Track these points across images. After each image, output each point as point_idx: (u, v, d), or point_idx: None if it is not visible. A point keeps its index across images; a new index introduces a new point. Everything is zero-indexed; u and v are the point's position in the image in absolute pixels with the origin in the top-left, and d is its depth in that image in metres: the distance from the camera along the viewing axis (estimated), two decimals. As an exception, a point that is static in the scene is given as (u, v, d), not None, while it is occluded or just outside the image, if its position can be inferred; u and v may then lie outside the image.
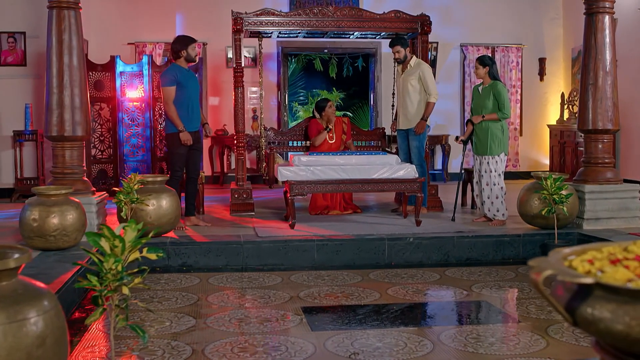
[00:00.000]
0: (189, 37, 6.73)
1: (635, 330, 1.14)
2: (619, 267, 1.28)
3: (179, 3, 10.71)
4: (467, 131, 7.04)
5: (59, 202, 5.39)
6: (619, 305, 1.17)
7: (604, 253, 1.47)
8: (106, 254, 2.60)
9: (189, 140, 6.46)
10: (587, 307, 1.22)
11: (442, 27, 11.01)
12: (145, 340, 2.66)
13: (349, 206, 7.67)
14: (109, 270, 2.61)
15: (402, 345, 3.80)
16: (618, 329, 1.16)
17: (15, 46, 9.06)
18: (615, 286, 1.16)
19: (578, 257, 1.40)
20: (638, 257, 1.42)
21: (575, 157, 10.10)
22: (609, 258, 1.40)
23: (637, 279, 1.24)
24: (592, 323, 1.21)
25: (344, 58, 15.50)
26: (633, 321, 1.15)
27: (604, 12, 6.51)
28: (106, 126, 9.04)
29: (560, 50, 11.50)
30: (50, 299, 2.26)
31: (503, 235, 6.32)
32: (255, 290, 5.15)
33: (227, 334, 4.01)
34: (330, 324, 4.30)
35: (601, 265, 1.34)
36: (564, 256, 1.41)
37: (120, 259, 2.61)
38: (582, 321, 1.24)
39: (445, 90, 11.20)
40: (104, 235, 2.60)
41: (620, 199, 6.54)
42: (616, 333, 1.17)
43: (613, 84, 6.54)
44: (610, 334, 1.18)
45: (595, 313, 1.20)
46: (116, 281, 2.61)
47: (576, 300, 1.25)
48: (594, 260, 1.37)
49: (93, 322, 2.71)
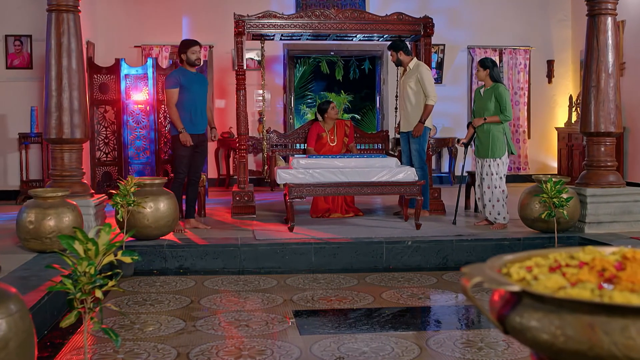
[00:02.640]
0: (191, 40, 6.71)
1: (560, 340, 1.11)
2: (553, 275, 1.25)
3: (185, 6, 10.74)
4: (468, 134, 6.99)
5: (55, 205, 5.41)
6: (545, 314, 1.14)
7: (550, 260, 1.44)
8: (79, 256, 2.60)
9: (188, 141, 6.46)
10: (516, 315, 1.19)
11: (449, 30, 10.96)
12: (118, 345, 2.65)
13: (350, 209, 7.64)
14: (83, 274, 2.61)
15: (388, 350, 3.77)
16: (543, 338, 1.13)
17: (21, 49, 9.12)
18: (541, 294, 1.13)
19: (518, 263, 1.37)
20: (582, 264, 1.39)
21: (582, 160, 9.98)
22: (551, 265, 1.37)
23: (569, 287, 1.21)
24: (521, 332, 1.18)
25: (351, 61, 15.48)
26: (558, 330, 1.11)
27: (607, 13, 6.43)
28: (111, 129, 9.08)
29: (569, 52, 11.39)
30: (17, 302, 2.25)
31: (503, 239, 6.27)
32: (249, 293, 5.13)
33: (215, 337, 4.00)
34: (320, 328, 4.27)
35: (539, 272, 1.31)
36: (505, 262, 1.38)
37: (94, 262, 2.60)
38: (511, 329, 1.21)
39: (452, 93, 11.15)
40: (78, 238, 2.60)
41: (623, 203, 6.47)
42: (542, 342, 1.13)
43: (616, 86, 6.47)
44: (537, 343, 1.15)
45: (523, 322, 1.17)
46: (89, 284, 2.60)
47: (507, 308, 1.22)
48: (533, 267, 1.34)
49: (68, 324, 2.69)
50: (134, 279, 5.56)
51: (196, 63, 6.61)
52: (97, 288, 2.62)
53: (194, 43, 6.62)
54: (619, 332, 1.06)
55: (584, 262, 1.39)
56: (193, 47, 6.56)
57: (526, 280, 1.25)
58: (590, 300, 1.08)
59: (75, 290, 2.62)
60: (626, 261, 1.38)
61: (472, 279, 1.20)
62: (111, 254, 2.67)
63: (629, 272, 1.24)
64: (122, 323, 4.28)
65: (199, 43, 6.69)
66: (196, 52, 6.58)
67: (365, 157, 7.24)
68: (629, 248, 1.45)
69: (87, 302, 2.66)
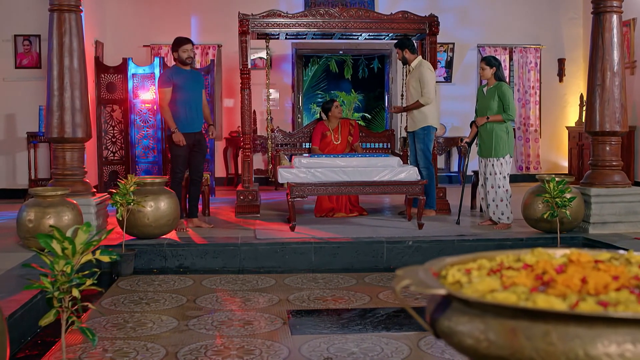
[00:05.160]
0: (183, 38, 6.62)
1: (483, 345, 1.08)
2: (487, 278, 1.22)
3: (193, 5, 10.77)
4: (471, 133, 6.94)
5: (54, 204, 5.44)
6: (470, 319, 1.11)
7: (496, 261, 1.41)
8: (57, 255, 2.60)
9: (181, 141, 6.45)
10: (445, 319, 1.17)
11: (458, 28, 10.89)
12: (94, 344, 2.65)
13: (355, 209, 7.62)
14: (61, 273, 2.61)
15: (378, 350, 3.74)
16: (468, 343, 1.10)
17: (30, 49, 9.19)
18: (465, 298, 1.10)
19: (459, 265, 1.35)
20: (525, 266, 1.36)
21: (593, 160, 9.88)
22: (492, 267, 1.34)
23: (501, 291, 1.18)
24: (449, 336, 1.15)
25: (360, 59, 15.43)
26: (482, 335, 1.09)
27: (612, 11, 6.35)
28: (118, 128, 9.11)
29: (580, 50, 11.27)
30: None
31: (505, 239, 6.21)
32: (246, 292, 5.13)
33: (206, 337, 3.99)
34: (312, 328, 4.25)
35: (478, 274, 1.28)
36: (446, 264, 1.35)
37: (71, 261, 2.60)
38: (441, 333, 1.18)
39: (462, 92, 11.08)
40: (55, 237, 2.60)
41: (628, 203, 6.38)
42: (467, 347, 1.11)
43: (621, 85, 6.38)
44: (463, 348, 1.12)
45: (451, 325, 1.15)
46: (67, 283, 2.60)
47: (438, 311, 1.19)
48: (473, 269, 1.31)
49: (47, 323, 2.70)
50: (133, 277, 5.57)
51: (187, 62, 6.54)
52: (75, 287, 2.62)
53: (186, 41, 6.57)
54: (541, 338, 1.03)
55: (528, 265, 1.36)
56: (184, 46, 6.51)
57: (460, 283, 1.22)
58: (512, 305, 1.05)
59: (53, 289, 2.63)
60: (570, 264, 1.35)
61: (401, 282, 1.17)
62: (89, 253, 2.66)
63: (565, 275, 1.20)
64: (115, 322, 4.29)
65: (191, 41, 6.63)
66: (187, 51, 6.52)
67: (367, 156, 7.21)
68: (575, 250, 1.42)
69: (65, 301, 2.67)
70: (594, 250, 1.55)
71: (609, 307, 1.06)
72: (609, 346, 1.01)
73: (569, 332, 1.03)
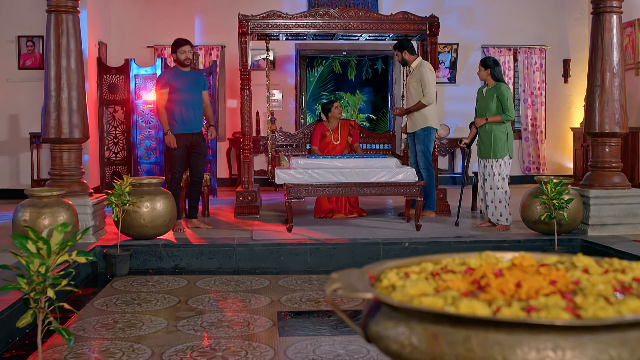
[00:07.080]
0: (181, 40, 6.63)
1: (407, 351, 1.06)
2: (420, 282, 1.20)
3: (197, 6, 10.79)
4: (471, 134, 6.90)
5: (50, 204, 5.45)
6: (396, 323, 1.10)
7: (440, 265, 1.39)
8: (31, 255, 2.60)
9: (172, 143, 6.45)
10: (374, 323, 1.15)
11: (462, 29, 10.85)
12: (70, 345, 2.65)
13: (354, 210, 7.60)
14: (35, 273, 2.61)
15: (364, 352, 3.72)
16: (393, 348, 1.09)
17: (33, 50, 9.24)
18: (389, 302, 1.09)
19: (397, 269, 1.33)
20: (468, 270, 1.34)
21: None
22: (433, 271, 1.32)
23: (433, 294, 1.16)
24: (377, 340, 1.14)
25: (364, 60, 15.40)
26: (406, 340, 1.07)
27: (612, 11, 6.30)
28: (120, 128, 9.15)
29: (586, 51, 11.08)
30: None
31: (502, 240, 6.17)
32: (238, 293, 5.12)
33: (193, 338, 3.99)
34: (300, 330, 4.24)
35: (416, 278, 1.27)
36: (385, 268, 1.34)
37: (46, 262, 2.60)
38: (371, 337, 1.17)
39: (466, 93, 11.01)
40: (29, 237, 2.60)
41: (628, 205, 6.32)
42: (392, 352, 1.09)
43: (621, 86, 6.33)
44: (389, 352, 1.11)
45: (379, 330, 1.13)
46: (42, 283, 2.60)
47: (369, 316, 1.18)
48: (412, 273, 1.30)
49: (25, 324, 2.70)
50: (128, 278, 5.58)
51: (185, 63, 6.55)
52: (50, 287, 2.62)
53: (184, 43, 6.58)
54: (461, 344, 1.01)
55: (470, 269, 1.34)
56: (182, 47, 6.53)
57: (393, 287, 1.20)
58: (433, 310, 1.03)
59: (29, 289, 2.63)
60: (512, 267, 1.33)
61: (331, 286, 1.16)
62: (65, 253, 2.66)
63: (501, 280, 1.18)
64: (105, 322, 4.30)
65: (189, 43, 6.64)
66: (185, 52, 6.54)
67: (365, 157, 7.18)
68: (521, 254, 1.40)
69: (41, 301, 2.67)
70: (551, 254, 1.53)
71: (534, 312, 1.03)
72: (529, 353, 0.99)
73: (488, 339, 1.01)
